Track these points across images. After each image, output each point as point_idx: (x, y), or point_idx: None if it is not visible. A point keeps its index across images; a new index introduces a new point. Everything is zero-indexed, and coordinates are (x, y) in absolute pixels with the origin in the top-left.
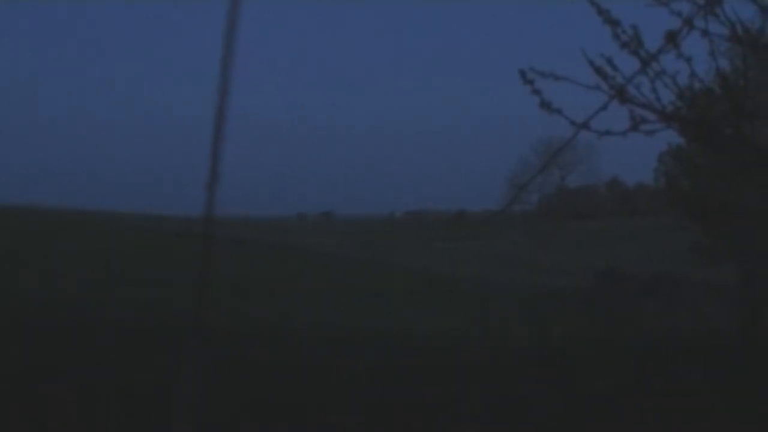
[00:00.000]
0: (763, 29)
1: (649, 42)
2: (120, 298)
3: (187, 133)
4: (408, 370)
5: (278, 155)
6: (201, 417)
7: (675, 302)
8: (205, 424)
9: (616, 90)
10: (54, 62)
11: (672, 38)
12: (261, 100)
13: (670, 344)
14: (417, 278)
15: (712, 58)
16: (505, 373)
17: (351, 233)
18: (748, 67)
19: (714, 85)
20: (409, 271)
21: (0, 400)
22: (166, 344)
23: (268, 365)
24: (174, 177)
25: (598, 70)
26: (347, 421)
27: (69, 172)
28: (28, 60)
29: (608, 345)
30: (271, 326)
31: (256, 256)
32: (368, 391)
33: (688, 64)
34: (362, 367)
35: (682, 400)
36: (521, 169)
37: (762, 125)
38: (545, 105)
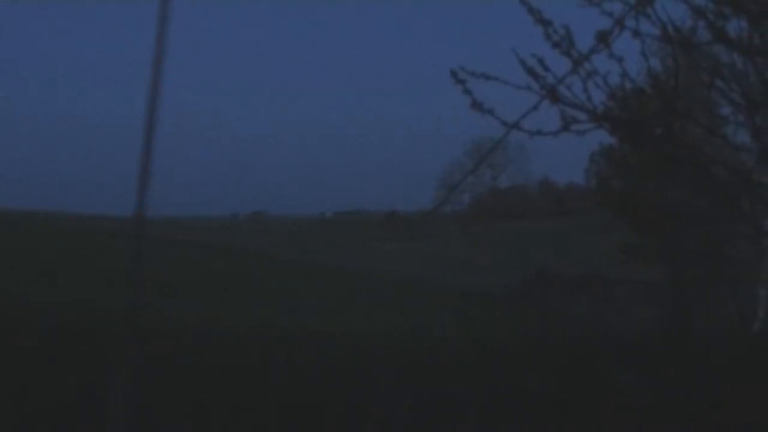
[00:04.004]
0: (694, 29)
1: (580, 42)
2: (51, 298)
3: (119, 134)
4: (340, 371)
5: (210, 155)
6: (134, 417)
7: (605, 302)
8: (138, 425)
9: (547, 90)
10: None
11: (603, 38)
12: (192, 100)
13: (600, 343)
14: (351, 278)
15: (643, 58)
16: (437, 372)
17: (284, 233)
18: (679, 67)
19: (645, 85)
20: (345, 272)
21: None
22: (98, 344)
23: (200, 365)
24: (106, 177)
25: (530, 71)
26: (280, 422)
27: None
28: None
29: (540, 344)
30: (204, 327)
31: (189, 256)
32: (300, 392)
33: (620, 64)
34: (294, 368)
35: (612, 398)
36: (453, 169)
37: (692, 125)
38: (476, 105)
